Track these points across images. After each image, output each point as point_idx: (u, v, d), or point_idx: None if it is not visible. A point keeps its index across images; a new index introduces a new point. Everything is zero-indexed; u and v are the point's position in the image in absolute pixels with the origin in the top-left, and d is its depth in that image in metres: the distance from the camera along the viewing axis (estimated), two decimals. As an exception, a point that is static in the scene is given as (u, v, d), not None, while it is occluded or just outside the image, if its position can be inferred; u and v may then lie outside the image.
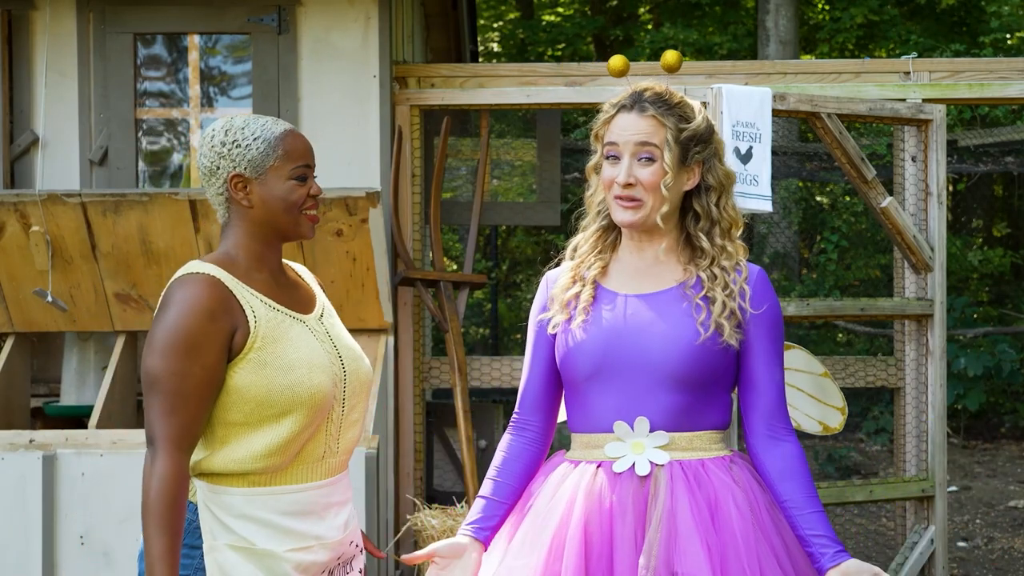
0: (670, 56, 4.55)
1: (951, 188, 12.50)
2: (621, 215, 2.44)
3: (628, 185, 2.41)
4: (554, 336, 2.50)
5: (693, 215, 2.48)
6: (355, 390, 2.50)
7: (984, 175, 11.18)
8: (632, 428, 2.40)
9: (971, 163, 10.13)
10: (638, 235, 2.47)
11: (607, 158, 2.46)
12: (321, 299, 2.58)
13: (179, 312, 2.33)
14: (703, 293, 2.41)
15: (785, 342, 4.45)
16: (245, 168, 2.44)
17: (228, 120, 2.50)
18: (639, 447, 2.39)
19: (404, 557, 2.51)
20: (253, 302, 2.41)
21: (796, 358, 4.53)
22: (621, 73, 4.47)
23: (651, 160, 2.42)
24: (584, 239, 2.57)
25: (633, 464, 2.38)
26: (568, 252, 2.58)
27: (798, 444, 2.44)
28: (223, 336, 2.35)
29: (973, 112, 10.45)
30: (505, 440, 2.58)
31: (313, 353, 2.42)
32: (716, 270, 2.43)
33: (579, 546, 2.35)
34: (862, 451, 9.92)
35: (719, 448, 2.44)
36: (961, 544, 7.13)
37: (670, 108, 2.45)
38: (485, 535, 2.49)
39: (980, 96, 5.33)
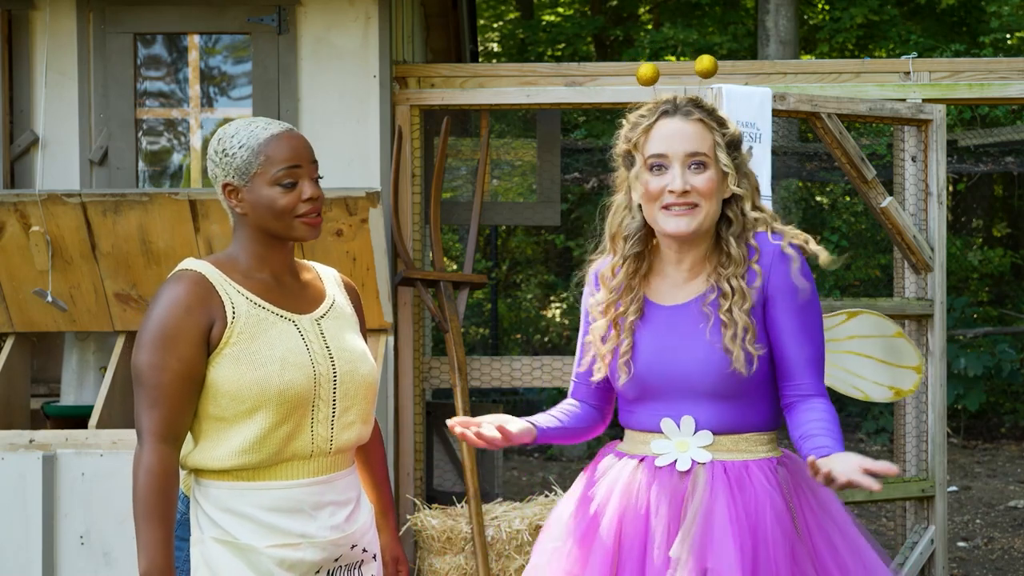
0: (706, 61, 4.48)
1: (951, 188, 12.50)
2: (674, 224, 2.39)
3: (684, 192, 2.38)
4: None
5: (724, 220, 2.45)
6: (349, 391, 2.50)
7: (984, 175, 11.18)
8: (678, 427, 2.42)
9: (971, 163, 10.13)
10: (678, 245, 2.45)
11: (651, 168, 2.42)
12: (330, 301, 2.59)
13: (158, 308, 2.40)
14: (725, 308, 2.39)
15: (852, 309, 4.42)
16: (233, 176, 2.47)
17: (225, 127, 2.52)
18: (683, 445, 2.42)
19: (452, 421, 2.44)
20: (236, 298, 2.44)
21: (864, 324, 4.39)
22: (651, 82, 4.43)
23: (703, 166, 2.40)
24: (615, 269, 2.50)
25: (675, 460, 2.41)
26: (596, 278, 2.54)
27: (824, 400, 2.40)
28: (199, 329, 2.39)
29: (973, 112, 10.45)
30: (566, 402, 2.63)
31: (291, 351, 2.43)
32: (735, 282, 2.40)
33: (612, 536, 2.39)
34: (862, 451, 9.91)
35: (767, 450, 2.44)
36: (961, 544, 7.13)
37: (710, 113, 2.44)
38: (538, 426, 2.51)
39: (980, 96, 5.32)
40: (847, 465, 2.16)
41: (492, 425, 2.40)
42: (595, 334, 2.52)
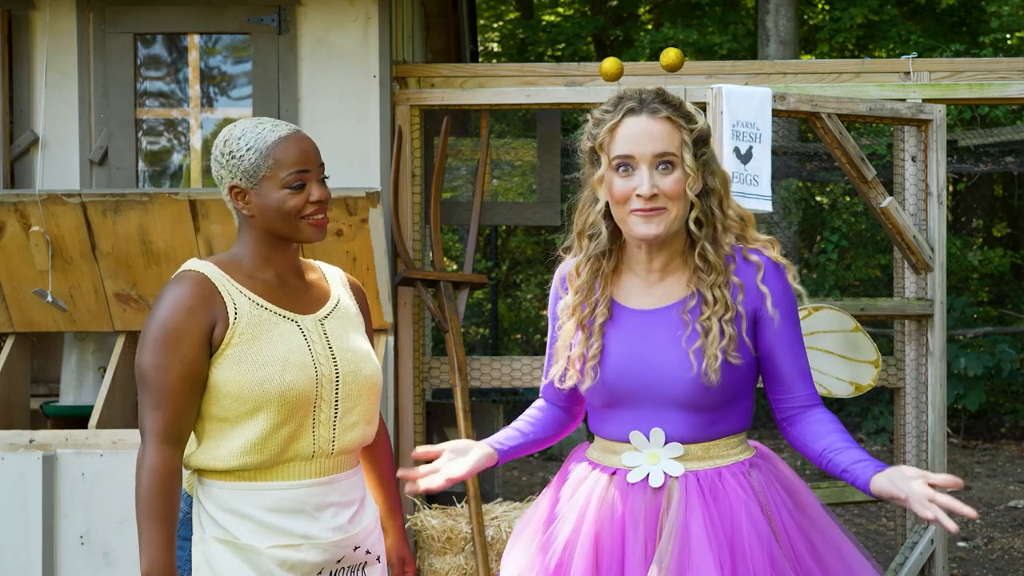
0: (672, 54, 4.45)
1: (951, 188, 12.51)
2: (643, 228, 2.31)
3: (652, 196, 2.29)
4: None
5: (696, 222, 2.35)
6: (351, 392, 2.50)
7: (984, 175, 11.18)
8: (648, 439, 2.37)
9: (971, 163, 10.13)
10: (647, 246, 2.37)
11: (617, 169, 2.32)
12: (335, 301, 2.58)
13: (161, 309, 2.40)
14: (704, 317, 2.33)
15: (812, 305, 4.42)
16: (240, 179, 2.46)
17: (231, 128, 2.51)
18: (655, 457, 2.36)
19: (416, 452, 2.42)
20: (238, 299, 2.44)
21: (824, 319, 4.40)
22: (614, 77, 4.38)
23: (671, 166, 2.30)
24: (580, 268, 2.45)
25: (647, 475, 2.36)
26: (564, 280, 2.48)
27: (824, 409, 2.41)
28: (201, 330, 2.39)
29: (973, 112, 10.45)
30: (534, 405, 2.61)
31: (293, 352, 2.43)
32: (717, 292, 2.33)
33: (589, 556, 2.34)
34: (862, 451, 9.90)
35: (738, 452, 2.40)
36: (961, 544, 7.13)
37: (677, 108, 2.33)
38: (499, 447, 2.48)
39: (980, 96, 5.32)
40: (918, 493, 2.15)
41: (442, 475, 2.35)
42: (564, 338, 2.43)
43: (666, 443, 2.36)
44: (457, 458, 2.39)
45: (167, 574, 2.34)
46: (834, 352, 4.41)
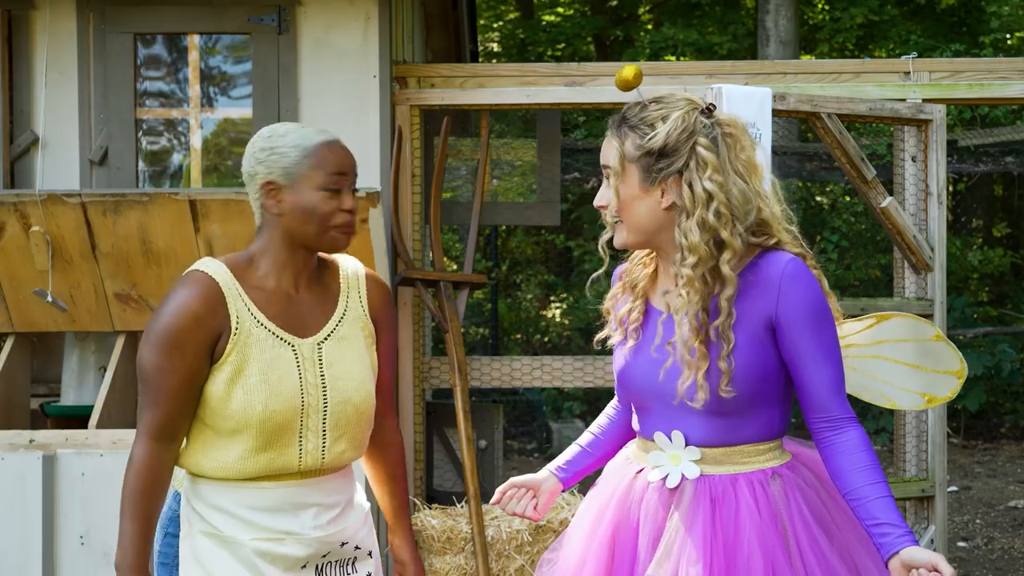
0: (627, 71, 4.22)
1: (951, 188, 12.51)
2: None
3: (601, 207, 2.42)
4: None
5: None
6: (339, 422, 2.49)
7: (984, 175, 11.19)
8: (670, 440, 2.40)
9: (971, 163, 10.14)
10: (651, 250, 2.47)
11: None
12: (340, 315, 2.55)
13: (169, 310, 2.40)
14: (673, 338, 2.37)
15: (886, 312, 4.37)
16: (278, 175, 2.46)
17: (273, 127, 2.53)
18: (677, 458, 2.39)
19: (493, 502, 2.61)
20: (242, 312, 2.43)
21: (896, 327, 4.31)
22: (628, 87, 4.28)
23: (608, 179, 2.39)
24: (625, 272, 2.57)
25: (666, 476, 2.39)
26: (614, 279, 2.59)
27: (857, 428, 2.34)
28: (207, 339, 2.40)
29: (973, 112, 10.46)
30: (611, 404, 2.67)
31: (282, 380, 2.43)
32: (680, 319, 2.35)
33: (606, 548, 2.41)
34: (862, 451, 9.91)
35: (763, 460, 2.38)
36: (961, 544, 7.14)
37: (634, 126, 2.35)
38: (564, 476, 2.62)
39: (980, 96, 5.32)
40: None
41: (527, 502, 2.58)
42: (610, 298, 2.54)
43: (687, 445, 2.38)
44: (527, 495, 2.59)
45: (137, 571, 2.37)
46: (904, 362, 4.30)
